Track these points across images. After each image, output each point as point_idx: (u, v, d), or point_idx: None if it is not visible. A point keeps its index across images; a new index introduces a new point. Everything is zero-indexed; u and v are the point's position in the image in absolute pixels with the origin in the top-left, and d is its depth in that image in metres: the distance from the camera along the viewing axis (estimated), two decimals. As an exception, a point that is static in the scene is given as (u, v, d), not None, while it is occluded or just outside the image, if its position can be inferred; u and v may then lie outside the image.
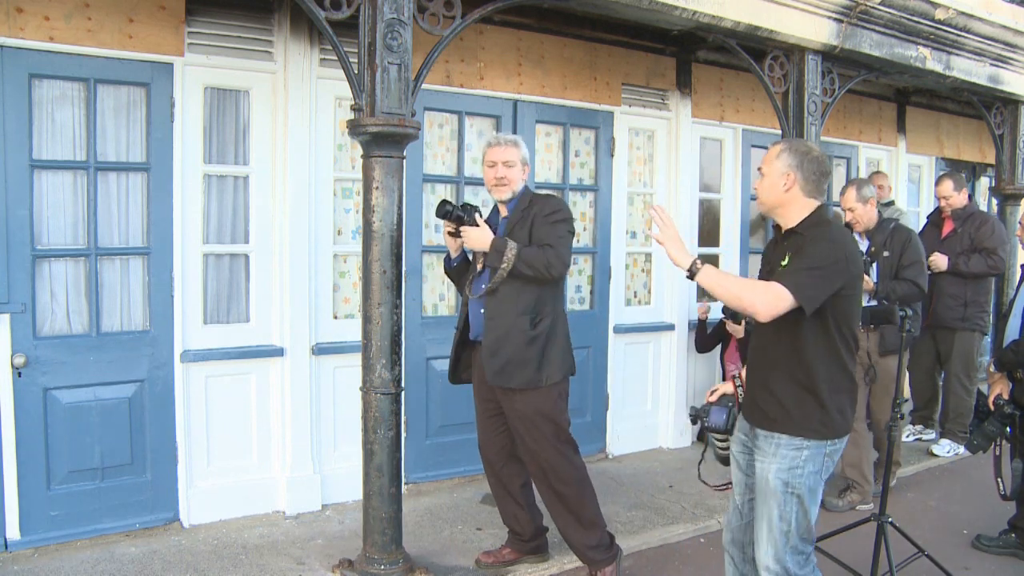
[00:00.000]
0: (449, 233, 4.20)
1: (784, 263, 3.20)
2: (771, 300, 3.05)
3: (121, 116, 4.69)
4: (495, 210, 4.43)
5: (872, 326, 5.40)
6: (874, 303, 5.42)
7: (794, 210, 3.29)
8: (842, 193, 5.83)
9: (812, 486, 3.21)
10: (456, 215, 4.10)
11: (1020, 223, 5.48)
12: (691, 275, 3.20)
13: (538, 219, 4.14)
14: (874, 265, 5.66)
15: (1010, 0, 7.10)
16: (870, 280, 5.54)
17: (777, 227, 3.48)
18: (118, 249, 4.73)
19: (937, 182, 7.28)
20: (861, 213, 5.67)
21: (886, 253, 5.60)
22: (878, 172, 8.10)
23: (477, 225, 4.08)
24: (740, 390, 3.51)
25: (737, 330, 6.58)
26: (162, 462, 4.86)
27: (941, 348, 7.03)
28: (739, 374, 3.58)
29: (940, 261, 6.75)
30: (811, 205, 3.28)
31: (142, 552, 4.56)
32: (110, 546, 4.60)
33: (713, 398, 3.59)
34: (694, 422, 3.67)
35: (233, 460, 5.11)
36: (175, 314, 4.86)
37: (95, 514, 4.66)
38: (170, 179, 4.80)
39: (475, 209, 4.14)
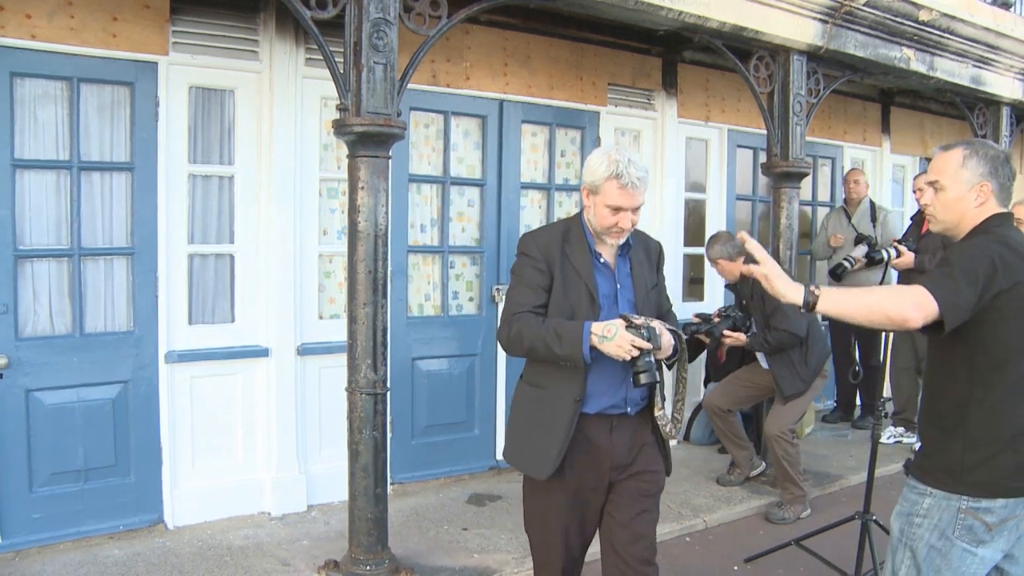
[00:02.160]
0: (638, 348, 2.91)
1: None
2: (918, 301, 2.44)
3: (105, 115, 4.66)
4: (571, 231, 3.21)
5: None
6: None
7: (968, 224, 2.69)
8: (708, 247, 5.87)
9: (934, 546, 2.59)
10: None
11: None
12: (809, 307, 2.56)
13: (661, 269, 3.38)
14: (751, 319, 5.74)
15: (991, 3, 7.16)
16: (741, 336, 5.67)
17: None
18: (102, 249, 4.70)
19: (917, 176, 7.30)
20: (725, 268, 5.76)
21: (754, 300, 5.62)
22: (853, 169, 8.10)
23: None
24: None
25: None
26: (146, 463, 4.83)
27: (919, 347, 6.98)
28: None
29: (907, 258, 6.72)
30: (988, 215, 2.67)
31: (126, 554, 4.53)
32: (93, 548, 4.57)
33: None
34: None
35: (218, 461, 5.08)
36: (159, 314, 4.83)
37: (78, 516, 4.62)
38: (154, 179, 4.77)
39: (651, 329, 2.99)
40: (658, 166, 6.92)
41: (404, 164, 5.60)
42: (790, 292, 2.58)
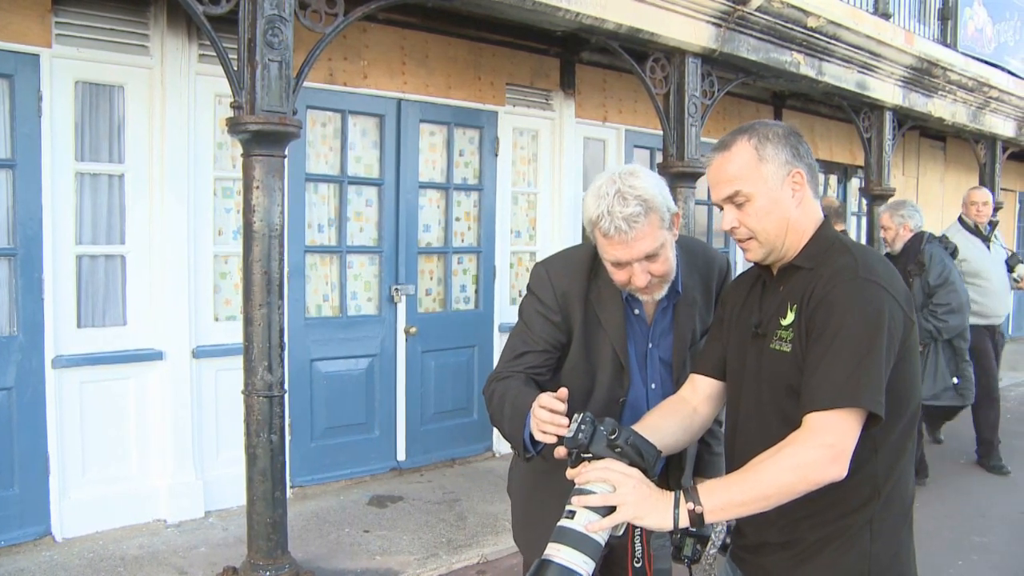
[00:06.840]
0: None
1: (785, 322, 1.94)
2: (831, 443, 1.75)
3: (-18, 110, 4.47)
4: (602, 268, 2.38)
5: None
6: None
7: (797, 230, 1.99)
8: None
9: None
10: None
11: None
12: (698, 521, 1.79)
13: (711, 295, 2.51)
14: None
15: (873, 13, 7.48)
16: None
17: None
18: (-19, 250, 4.51)
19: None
20: None
21: None
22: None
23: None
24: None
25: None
26: (32, 474, 4.63)
27: None
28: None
29: None
30: (816, 213, 2.02)
31: (7, 571, 4.34)
32: (-26, 563, 4.39)
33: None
34: None
35: (111, 469, 4.92)
36: (46, 318, 4.64)
37: (-43, 531, 4.42)
38: (38, 177, 4.58)
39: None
40: (556, 166, 7.00)
41: (301, 163, 5.52)
42: (654, 519, 1.80)
